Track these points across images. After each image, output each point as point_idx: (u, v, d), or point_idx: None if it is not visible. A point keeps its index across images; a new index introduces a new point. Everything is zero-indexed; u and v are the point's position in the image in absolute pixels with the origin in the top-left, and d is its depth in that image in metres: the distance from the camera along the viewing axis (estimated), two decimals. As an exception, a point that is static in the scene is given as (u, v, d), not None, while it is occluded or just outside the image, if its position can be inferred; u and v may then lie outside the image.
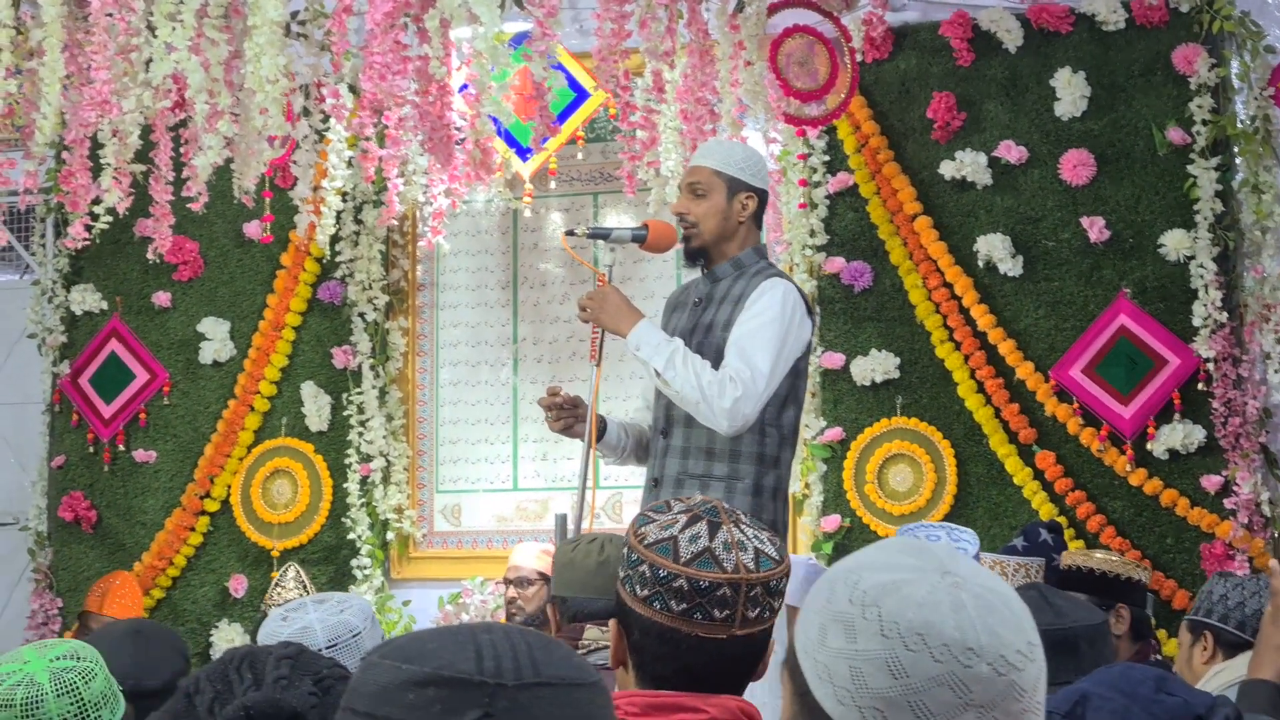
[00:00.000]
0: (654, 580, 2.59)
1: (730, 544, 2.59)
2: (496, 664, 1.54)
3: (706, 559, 2.57)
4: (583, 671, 1.60)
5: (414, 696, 1.53)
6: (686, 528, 2.61)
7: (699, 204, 5.03)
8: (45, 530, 8.28)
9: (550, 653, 1.59)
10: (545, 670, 1.56)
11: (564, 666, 1.58)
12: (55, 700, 2.85)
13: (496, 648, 1.56)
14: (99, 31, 5.47)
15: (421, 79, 5.76)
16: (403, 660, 1.57)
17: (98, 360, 8.25)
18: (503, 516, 7.83)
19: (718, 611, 2.56)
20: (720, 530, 2.60)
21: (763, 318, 4.83)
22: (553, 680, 1.56)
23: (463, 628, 1.60)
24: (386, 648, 1.61)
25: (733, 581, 2.56)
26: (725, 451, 4.89)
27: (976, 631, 1.70)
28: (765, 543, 2.62)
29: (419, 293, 8.04)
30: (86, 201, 5.99)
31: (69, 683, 2.87)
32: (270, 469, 7.96)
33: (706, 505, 2.66)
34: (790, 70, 6.25)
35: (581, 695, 1.58)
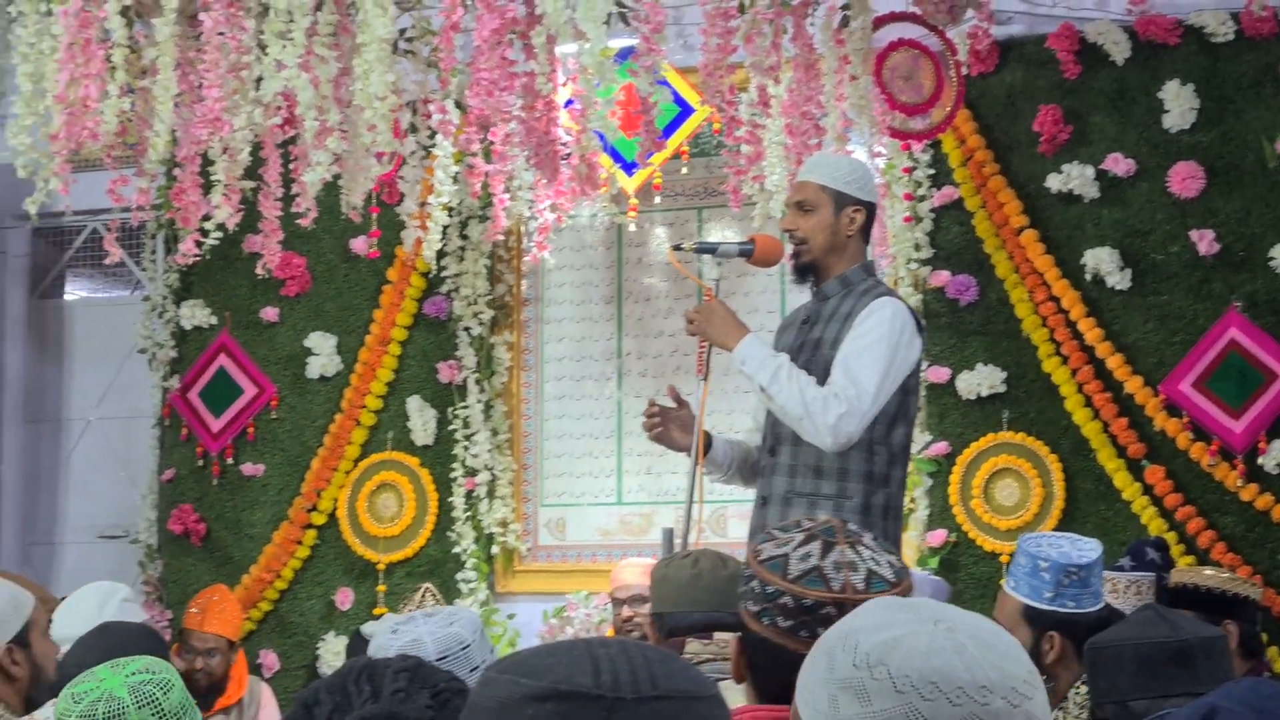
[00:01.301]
0: (763, 596, 2.60)
1: (841, 564, 2.57)
2: (614, 678, 1.54)
3: (814, 577, 2.57)
4: (701, 685, 1.60)
5: (532, 711, 1.54)
6: (800, 546, 2.60)
7: (806, 219, 5.01)
8: (155, 543, 8.37)
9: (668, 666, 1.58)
10: (663, 684, 1.56)
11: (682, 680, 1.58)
12: (137, 712, 2.87)
13: (614, 662, 1.56)
14: (210, 50, 5.53)
15: (527, 95, 5.79)
16: (521, 675, 1.57)
17: (207, 375, 8.33)
18: (606, 530, 7.84)
19: (820, 630, 2.55)
20: (833, 550, 2.59)
21: (870, 336, 4.81)
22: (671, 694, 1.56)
23: (580, 642, 1.61)
24: (505, 663, 1.61)
25: (838, 600, 2.55)
26: (833, 470, 4.86)
27: (984, 669, 1.71)
28: (883, 565, 2.60)
29: (524, 307, 8.07)
30: (197, 218, 6.05)
31: (148, 694, 2.89)
32: (376, 483, 8.01)
33: (827, 526, 2.65)
34: (895, 84, 6.23)
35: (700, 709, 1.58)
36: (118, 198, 5.94)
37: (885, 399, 4.81)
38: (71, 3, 5.66)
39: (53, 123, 5.69)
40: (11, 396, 9.03)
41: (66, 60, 5.66)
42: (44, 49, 5.77)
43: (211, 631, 6.87)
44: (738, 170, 6.13)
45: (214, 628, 6.88)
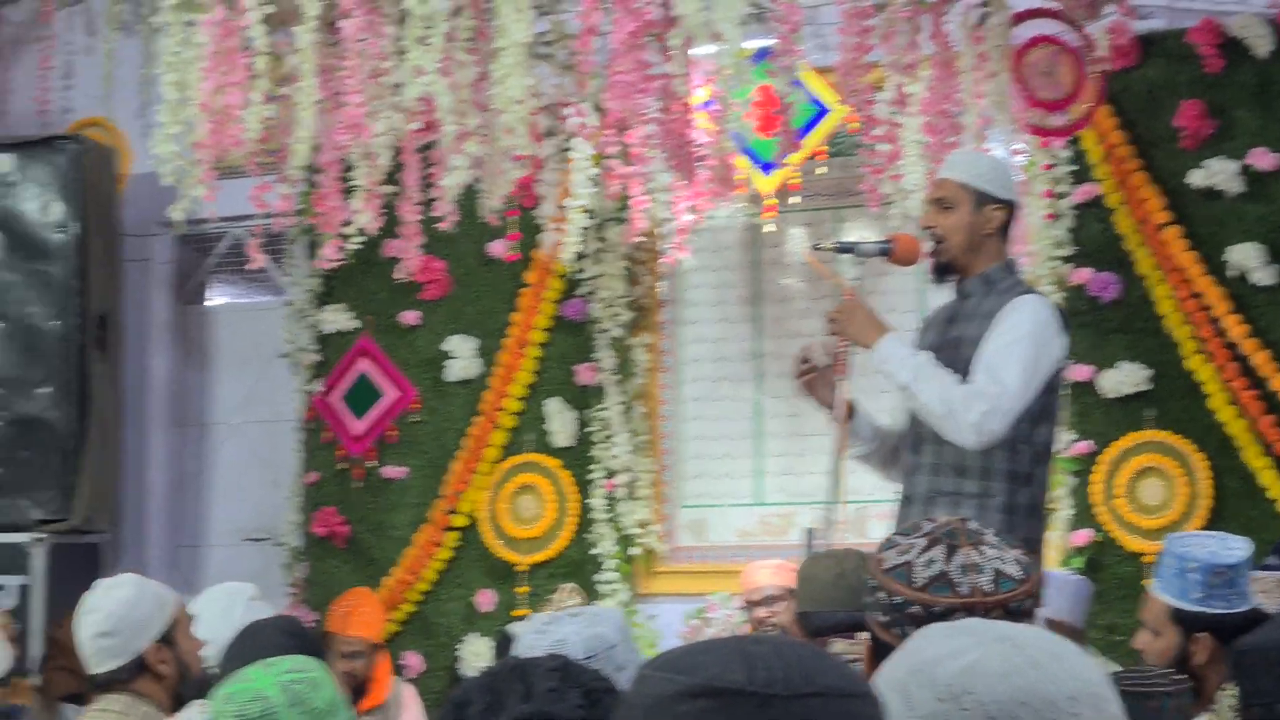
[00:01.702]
0: (891, 607, 2.56)
1: (967, 567, 2.54)
2: (768, 675, 1.54)
3: (941, 584, 2.54)
4: (855, 682, 1.59)
5: (686, 708, 1.54)
6: (924, 552, 2.57)
7: (946, 217, 4.97)
8: (299, 546, 8.46)
9: (822, 663, 1.58)
10: (818, 680, 1.56)
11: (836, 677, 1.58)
12: (288, 711, 2.90)
13: (768, 659, 1.56)
14: (351, 56, 5.59)
15: (664, 96, 5.79)
16: (675, 672, 1.57)
17: (348, 378, 8.41)
18: (746, 531, 7.84)
19: None
20: (958, 553, 2.56)
21: (1013, 334, 4.76)
22: (825, 691, 1.55)
23: (733, 639, 1.61)
24: (659, 660, 1.62)
25: (968, 605, 2.51)
26: (976, 469, 4.82)
27: (1065, 681, 1.70)
28: (1008, 563, 2.57)
29: (662, 309, 8.08)
30: (338, 223, 6.12)
31: (299, 694, 2.92)
32: (516, 485, 8.05)
33: (948, 528, 2.62)
34: (1034, 80, 6.17)
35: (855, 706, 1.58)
36: (261, 204, 6.02)
37: (1029, 396, 4.76)
38: (215, 12, 5.75)
39: (197, 131, 5.78)
40: (158, 401, 9.17)
41: (210, 69, 5.75)
42: (188, 58, 5.86)
43: (355, 634, 6.94)
44: (875, 170, 6.11)
45: (357, 630, 6.95)
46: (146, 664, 4.20)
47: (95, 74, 8.98)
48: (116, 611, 4.19)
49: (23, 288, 8.35)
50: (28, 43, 9.43)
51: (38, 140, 8.53)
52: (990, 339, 4.80)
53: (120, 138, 9.01)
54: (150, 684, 4.21)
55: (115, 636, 4.18)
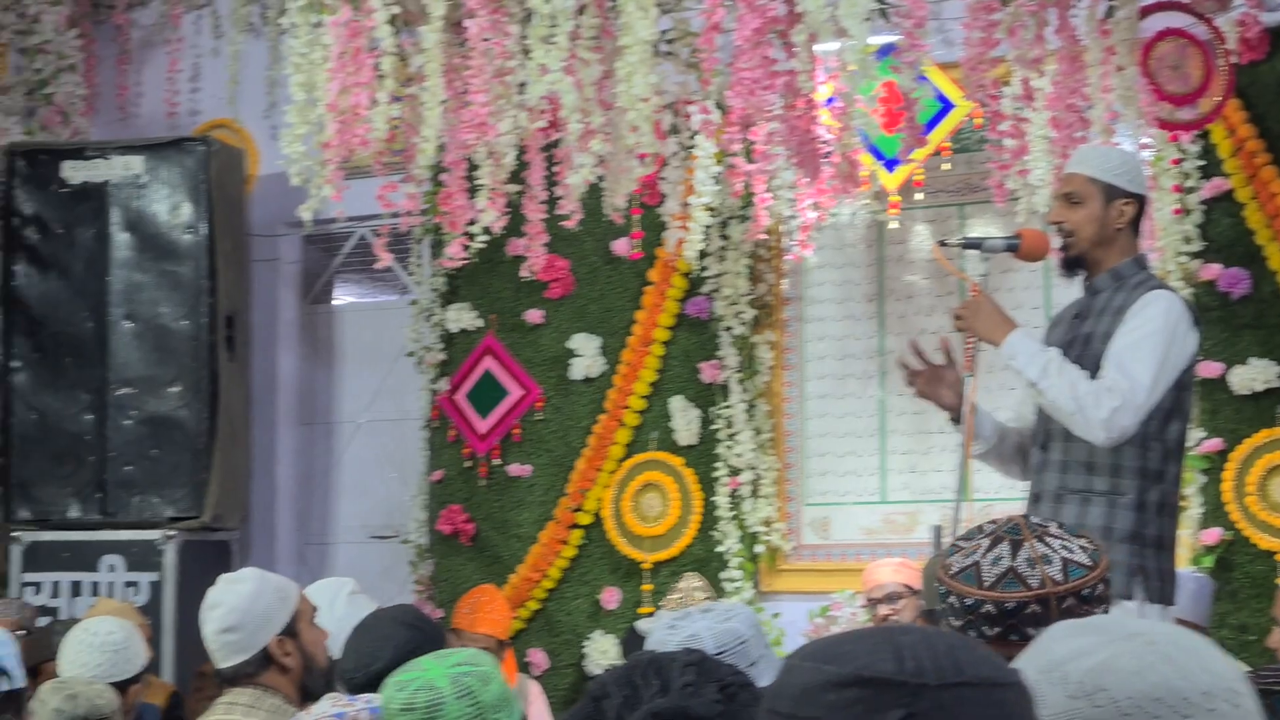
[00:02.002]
0: (964, 610, 2.56)
1: (1034, 559, 2.53)
2: (918, 664, 1.54)
3: (1011, 579, 2.53)
4: (1005, 672, 1.59)
5: (835, 697, 1.54)
6: (989, 551, 2.56)
7: (1074, 212, 4.93)
8: (425, 543, 8.52)
9: (972, 653, 1.57)
10: (968, 670, 1.55)
11: (986, 667, 1.57)
12: (455, 702, 2.92)
13: (917, 648, 1.56)
14: (476, 56, 5.62)
15: (788, 93, 5.79)
16: (823, 662, 1.57)
17: (473, 377, 8.46)
18: (871, 529, 7.81)
19: (1031, 630, 2.52)
20: (1023, 547, 2.55)
21: (1144, 329, 4.71)
22: (975, 680, 1.55)
23: (881, 629, 1.61)
24: (807, 650, 1.62)
25: (1040, 598, 2.51)
26: (1106, 466, 4.77)
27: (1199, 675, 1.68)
28: (1076, 551, 2.55)
29: (785, 306, 8.07)
30: (463, 222, 6.15)
31: (467, 686, 2.95)
32: (641, 482, 8.07)
33: (1011, 524, 2.60)
34: (1163, 74, 6.11)
35: (1006, 695, 1.57)
36: (387, 203, 6.06)
37: (1160, 393, 4.71)
38: (341, 13, 5.80)
39: (325, 131, 5.83)
40: (285, 400, 9.27)
41: (337, 70, 5.80)
42: (315, 59, 5.91)
43: (482, 631, 6.98)
44: (1001, 165, 6.07)
45: (484, 627, 6.99)
46: (271, 657, 4.23)
47: (222, 76, 9.12)
48: (240, 606, 4.22)
49: (153, 288, 8.47)
50: (156, 46, 9.56)
51: (167, 142, 8.64)
52: (1120, 334, 4.75)
53: (247, 138, 9.12)
54: (276, 676, 4.25)
55: (239, 631, 4.22)
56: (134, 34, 9.61)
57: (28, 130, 9.28)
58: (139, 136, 9.02)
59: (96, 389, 8.47)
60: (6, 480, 8.58)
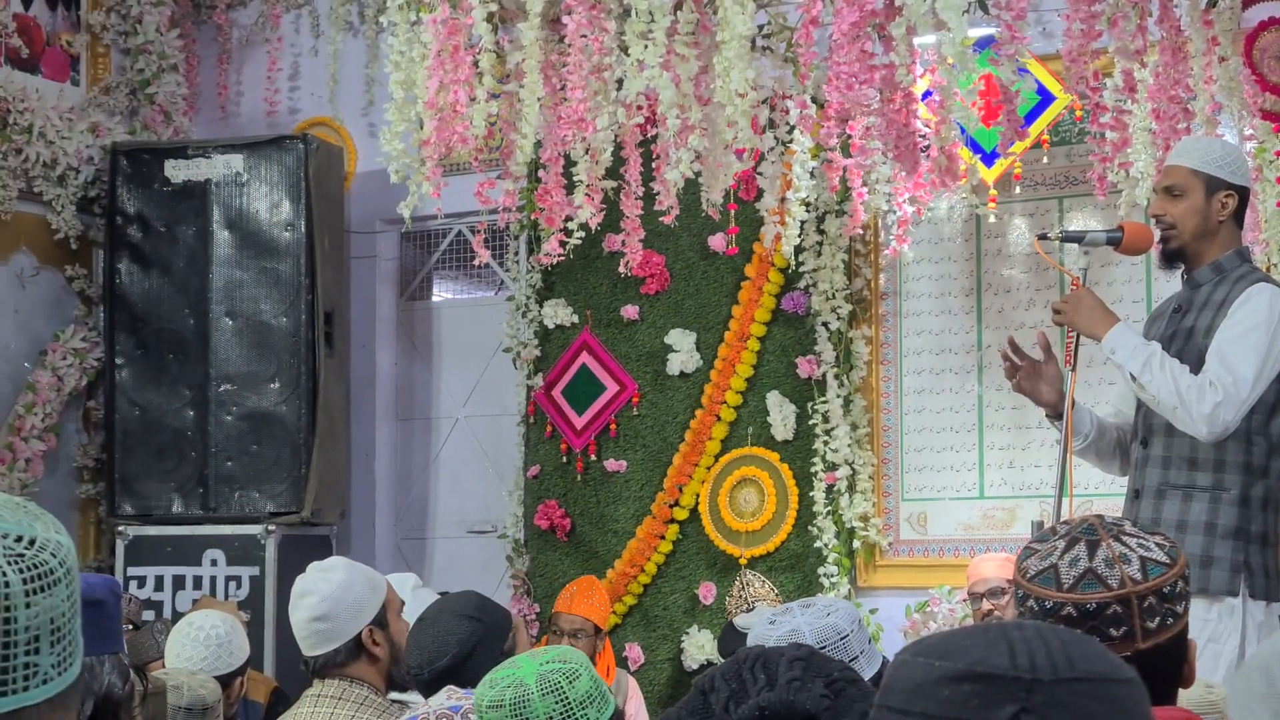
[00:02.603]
0: (1043, 613, 2.55)
1: (1112, 559, 2.52)
2: (1031, 660, 1.54)
3: (1090, 580, 2.52)
4: (1119, 668, 1.58)
5: (949, 693, 1.54)
6: (1065, 553, 2.55)
7: (1176, 204, 4.89)
8: (522, 538, 8.55)
9: (1085, 648, 1.57)
10: (1081, 666, 1.55)
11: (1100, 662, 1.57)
12: (540, 699, 2.94)
13: (1030, 644, 1.56)
14: (574, 52, 5.63)
15: (886, 87, 5.76)
16: (936, 657, 1.58)
17: (570, 372, 8.49)
18: (969, 525, 7.78)
19: (1113, 630, 2.52)
20: (1100, 548, 2.54)
21: (1247, 323, 4.67)
22: (1090, 676, 1.55)
23: (994, 625, 1.61)
24: (919, 645, 1.62)
25: (1121, 598, 2.50)
26: (1209, 461, 4.74)
27: None
28: (1153, 549, 2.55)
29: (882, 301, 8.05)
30: (561, 218, 6.17)
31: (554, 683, 2.96)
32: (737, 477, 8.07)
33: (1085, 525, 2.60)
34: (1266, 64, 6.06)
35: (1120, 691, 1.57)
36: (485, 200, 6.08)
37: (1264, 387, 4.67)
38: (440, 11, 5.83)
39: (424, 128, 5.86)
40: (384, 395, 9.32)
41: (436, 67, 5.83)
42: (414, 57, 5.94)
43: (579, 613, 7.01)
44: (1103, 158, 6.02)
45: (581, 610, 7.02)
46: (363, 646, 4.27)
47: (321, 75, 9.19)
48: (332, 595, 4.25)
49: (253, 285, 8.55)
50: (256, 45, 9.65)
51: (266, 140, 8.72)
52: (1223, 329, 4.72)
53: (346, 136, 9.18)
54: (365, 667, 4.28)
55: (331, 620, 4.24)
56: (234, 34, 9.70)
57: (130, 130, 9.39)
58: (239, 135, 9.12)
59: (198, 385, 8.57)
60: (110, 476, 8.70)
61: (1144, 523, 4.75)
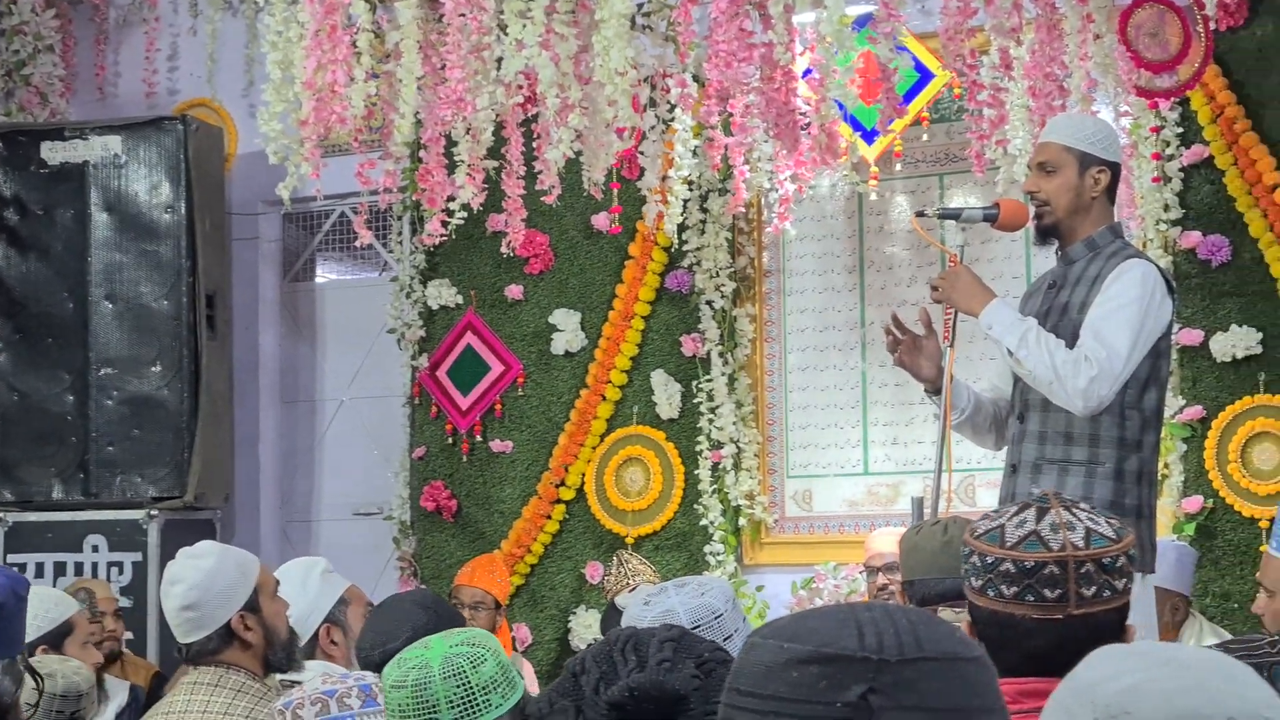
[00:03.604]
0: (984, 568, 2.63)
1: (1058, 524, 2.59)
2: (879, 640, 1.55)
3: (1032, 540, 2.59)
4: (966, 646, 1.59)
5: (798, 674, 1.54)
6: (1015, 516, 2.63)
7: (1050, 180, 4.93)
8: (408, 520, 8.53)
9: (933, 628, 1.58)
10: (929, 646, 1.56)
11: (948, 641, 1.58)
12: (442, 683, 2.92)
13: (878, 624, 1.56)
14: (452, 32, 5.61)
15: (765, 65, 5.78)
16: (786, 639, 1.58)
17: (454, 353, 8.46)
18: (854, 501, 7.82)
19: (1048, 592, 2.57)
20: (1049, 514, 2.61)
21: (1121, 299, 4.72)
22: (936, 655, 1.56)
23: (844, 606, 1.61)
24: (769, 628, 1.62)
25: (1060, 560, 2.56)
26: (1084, 436, 4.79)
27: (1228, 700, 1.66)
28: (1101, 524, 2.61)
29: (766, 279, 8.07)
30: (442, 198, 6.14)
31: (457, 667, 2.94)
32: (623, 457, 8.08)
33: (1041, 496, 2.66)
34: (1141, 41, 6.11)
35: (967, 670, 1.58)
36: (366, 181, 6.05)
37: (1137, 362, 4.72)
38: (317, -10, 5.78)
39: (302, 109, 5.82)
40: (268, 378, 9.26)
41: (313, 47, 5.78)
42: (291, 37, 5.89)
43: (479, 586, 7.01)
44: (980, 135, 6.06)
45: (482, 583, 7.02)
46: (234, 633, 4.23)
47: (200, 55, 9.08)
48: (200, 583, 4.21)
49: (133, 268, 8.46)
50: (133, 25, 9.53)
51: (145, 121, 8.62)
52: (1097, 304, 4.76)
53: (226, 117, 9.10)
54: (238, 653, 4.24)
55: (201, 608, 4.20)
56: (111, 14, 9.57)
57: (6, 112, 9.25)
58: (117, 116, 9.00)
59: (78, 370, 8.46)
60: (-11, 462, 8.59)
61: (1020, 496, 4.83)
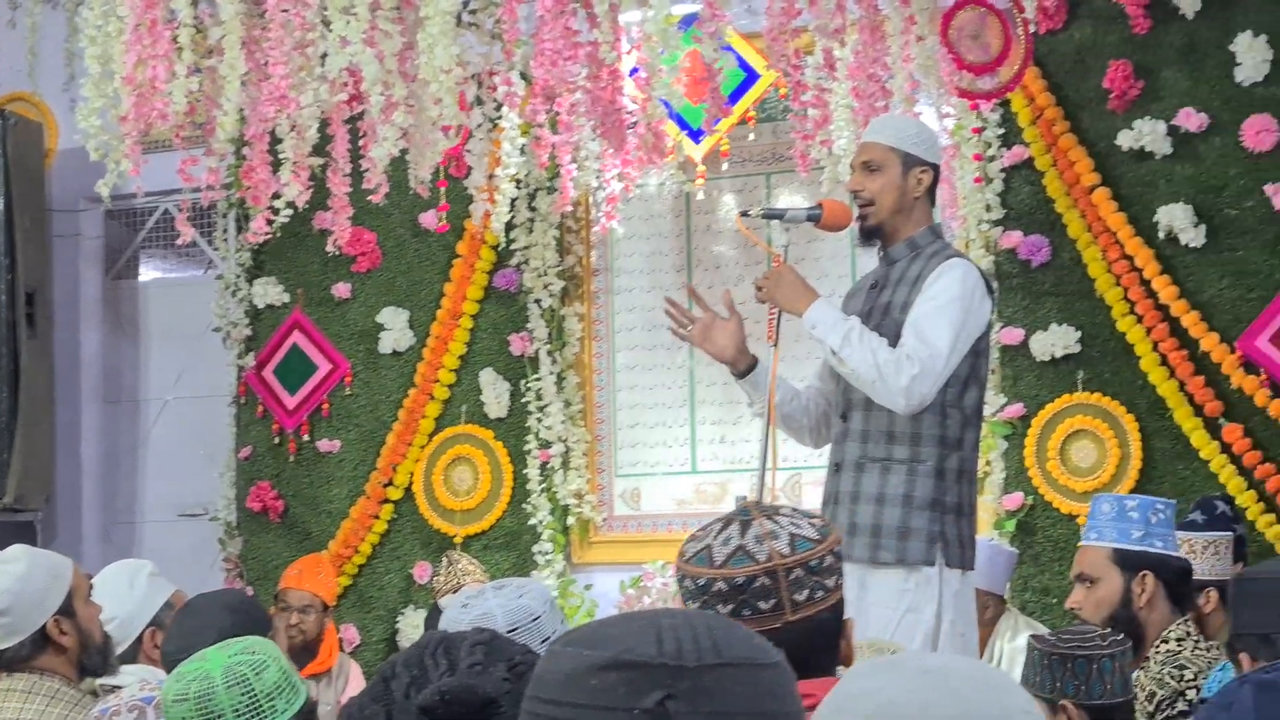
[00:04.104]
0: (698, 591, 2.64)
1: (762, 535, 2.62)
2: (678, 646, 1.55)
3: (740, 556, 2.61)
4: (765, 652, 1.60)
5: (597, 682, 1.54)
6: (720, 533, 2.66)
7: (873, 180, 4.97)
8: (234, 520, 8.44)
9: (731, 634, 1.59)
10: (727, 651, 1.56)
11: (745, 647, 1.58)
12: (225, 692, 2.89)
13: (677, 631, 1.57)
14: (275, 28, 5.54)
15: (592, 64, 5.77)
16: (585, 647, 1.57)
17: (281, 352, 8.38)
18: (682, 499, 7.84)
19: (762, 604, 2.60)
20: (752, 526, 2.63)
21: (941, 298, 4.77)
22: (735, 661, 1.56)
23: (643, 613, 1.61)
24: (569, 636, 1.62)
25: (769, 570, 2.59)
26: (906, 434, 4.83)
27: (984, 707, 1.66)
28: (804, 526, 2.65)
29: (594, 278, 8.08)
30: (267, 196, 6.07)
31: (240, 675, 2.91)
32: (451, 456, 8.05)
33: (741, 509, 2.70)
34: (962, 43, 6.18)
35: (765, 675, 1.58)
36: (188, 178, 5.96)
37: (958, 361, 4.77)
38: (137, -16, 5.69)
39: (122, 105, 5.72)
40: (90, 378, 9.11)
41: (133, 42, 5.68)
42: (111, 31, 5.78)
43: (308, 589, 6.96)
44: (805, 135, 6.10)
45: (310, 586, 6.98)
46: (49, 638, 4.15)
47: (19, 48, 8.87)
48: (11, 589, 4.12)
49: (-51, 265, 8.29)
50: (-50, 17, 9.32)
51: (-38, 116, 8.46)
52: (918, 303, 4.81)
53: (46, 112, 8.93)
54: (52, 658, 4.16)
55: (12, 614, 4.12)
56: (-74, 5, 9.36)
57: None
58: (-67, 110, 8.82)
59: (-107, 369, 8.28)
60: None
61: (844, 494, 4.88)
